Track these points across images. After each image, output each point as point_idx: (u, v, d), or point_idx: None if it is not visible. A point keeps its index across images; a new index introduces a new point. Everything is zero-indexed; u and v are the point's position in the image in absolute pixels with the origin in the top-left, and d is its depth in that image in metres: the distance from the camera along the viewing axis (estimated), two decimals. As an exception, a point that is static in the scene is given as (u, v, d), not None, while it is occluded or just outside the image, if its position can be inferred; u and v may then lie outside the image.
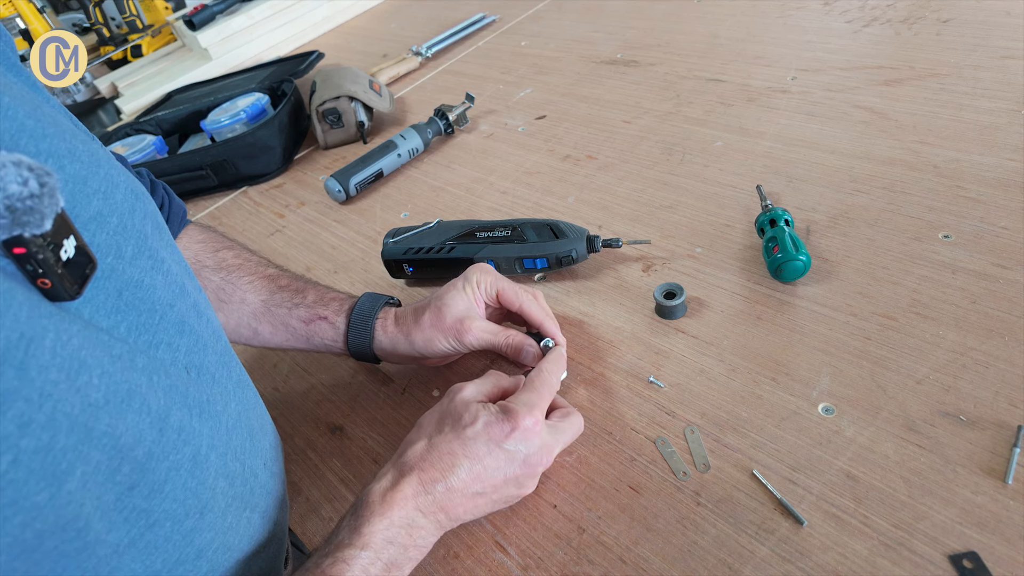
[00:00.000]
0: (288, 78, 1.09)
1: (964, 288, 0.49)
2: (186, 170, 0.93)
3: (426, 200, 0.80)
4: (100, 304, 0.27)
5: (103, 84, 1.46)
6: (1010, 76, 0.69)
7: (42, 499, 0.21)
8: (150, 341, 0.29)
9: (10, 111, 0.26)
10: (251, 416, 0.38)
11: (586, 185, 0.73)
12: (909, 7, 0.89)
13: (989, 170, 0.59)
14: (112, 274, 0.28)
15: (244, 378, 0.39)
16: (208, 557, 0.31)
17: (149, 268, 0.30)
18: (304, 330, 0.52)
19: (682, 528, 0.41)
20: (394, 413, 0.55)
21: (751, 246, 0.59)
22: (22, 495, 0.21)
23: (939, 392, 0.43)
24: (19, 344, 0.21)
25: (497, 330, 0.50)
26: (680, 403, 0.48)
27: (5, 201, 0.21)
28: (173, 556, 0.29)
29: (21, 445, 0.20)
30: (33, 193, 0.22)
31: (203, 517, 0.30)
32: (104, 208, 0.29)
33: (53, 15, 1.80)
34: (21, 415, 0.20)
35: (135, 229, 0.30)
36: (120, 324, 0.28)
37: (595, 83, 0.94)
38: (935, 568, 0.35)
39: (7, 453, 0.20)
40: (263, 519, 0.37)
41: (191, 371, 0.32)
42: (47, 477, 0.21)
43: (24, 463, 0.20)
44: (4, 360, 0.20)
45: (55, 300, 0.24)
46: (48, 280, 0.23)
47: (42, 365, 0.21)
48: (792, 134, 0.71)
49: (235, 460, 0.34)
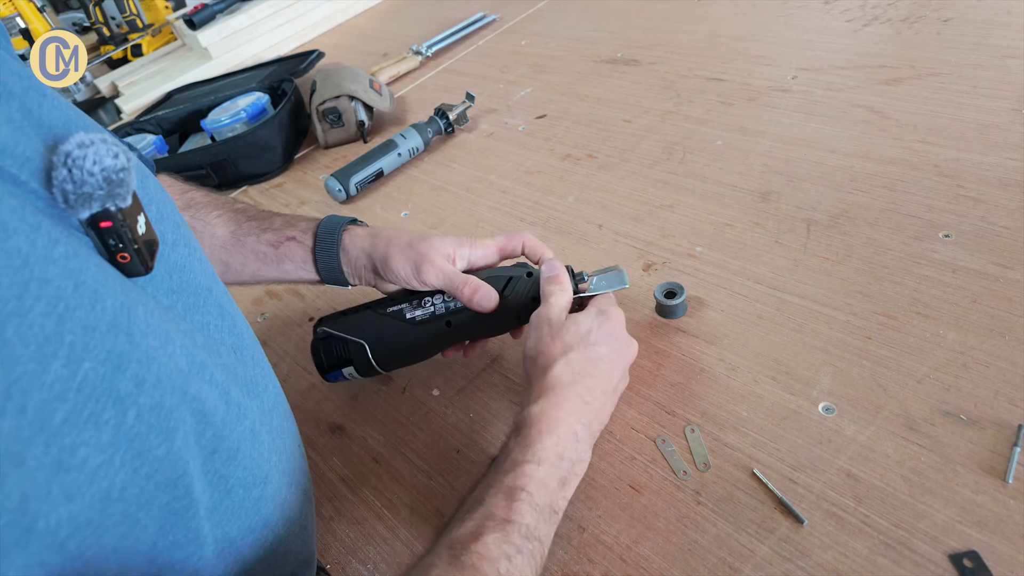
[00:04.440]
0: (288, 77, 1.09)
1: (964, 287, 0.49)
2: (186, 169, 0.93)
3: (426, 200, 0.80)
4: (160, 284, 0.28)
5: (103, 83, 1.46)
6: (1010, 75, 0.69)
7: (160, 452, 0.23)
8: (202, 321, 0.31)
9: (56, 101, 0.26)
10: (282, 399, 0.39)
11: (586, 184, 0.73)
12: (910, 6, 0.88)
13: (989, 169, 0.59)
14: (162, 257, 0.29)
15: (270, 365, 0.40)
16: (272, 527, 0.33)
17: (187, 255, 0.31)
18: (274, 254, 0.53)
19: (682, 527, 0.41)
20: (394, 413, 0.55)
21: (751, 245, 0.59)
22: (146, 447, 0.22)
23: (939, 391, 0.43)
24: (123, 312, 0.22)
25: (456, 273, 0.49)
26: (680, 402, 0.48)
27: (103, 173, 0.22)
28: (246, 523, 0.30)
29: (140, 402, 0.22)
30: (123, 166, 0.23)
31: (266, 487, 0.32)
32: (144, 196, 0.30)
33: (53, 14, 1.80)
34: (136, 375, 0.22)
35: (170, 217, 0.31)
36: (177, 304, 0.29)
37: (595, 82, 0.94)
38: (935, 567, 0.35)
39: (132, 408, 0.22)
40: (305, 498, 0.38)
41: (236, 351, 0.33)
42: (162, 432, 0.23)
43: (145, 418, 0.22)
44: (115, 326, 0.22)
45: (131, 275, 0.25)
46: (128, 254, 0.24)
47: (142, 332, 0.23)
48: (792, 133, 0.71)
49: (279, 438, 0.35)
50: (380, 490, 0.49)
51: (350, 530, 0.47)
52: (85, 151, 0.22)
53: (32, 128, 0.23)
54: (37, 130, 0.23)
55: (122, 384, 0.21)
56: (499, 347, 0.57)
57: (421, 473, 0.49)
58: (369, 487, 0.50)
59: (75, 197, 0.22)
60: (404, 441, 0.52)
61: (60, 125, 0.25)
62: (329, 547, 0.47)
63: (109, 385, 0.21)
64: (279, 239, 0.53)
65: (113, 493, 0.21)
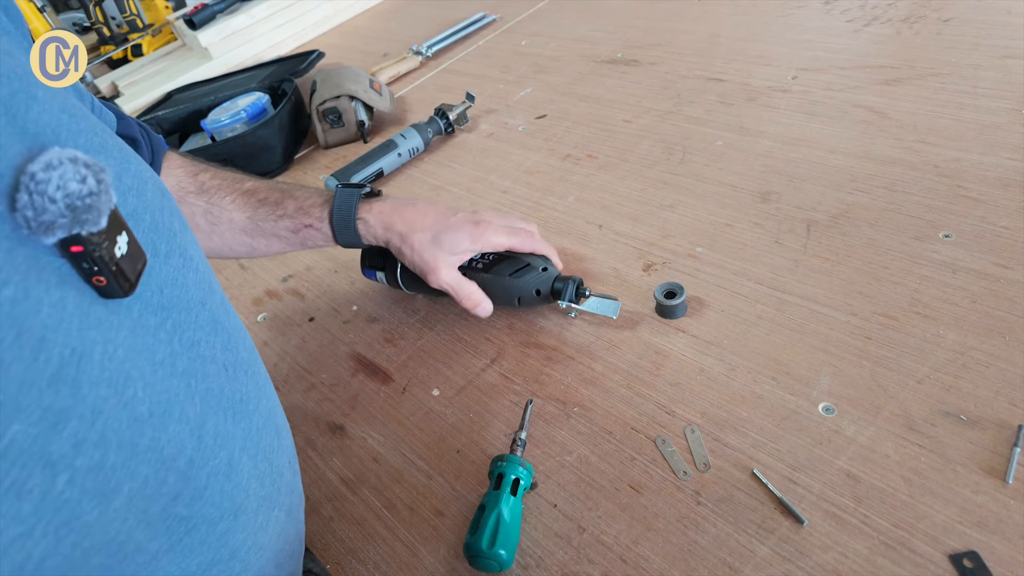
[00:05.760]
0: (288, 77, 1.09)
1: (965, 287, 0.49)
2: (186, 169, 0.92)
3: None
4: (147, 302, 0.27)
5: (103, 83, 1.46)
6: (1011, 75, 0.69)
7: (92, 517, 0.21)
8: (191, 339, 0.29)
9: (47, 105, 0.25)
10: (276, 414, 0.38)
11: (586, 184, 0.73)
12: (910, 6, 0.88)
13: (990, 169, 0.59)
14: (152, 272, 0.27)
15: (268, 376, 0.39)
16: (241, 557, 0.31)
17: (181, 266, 0.30)
18: (295, 238, 0.57)
19: (682, 527, 0.41)
20: (394, 413, 0.55)
21: (751, 245, 0.59)
22: (75, 515, 0.20)
23: (939, 391, 0.43)
24: (71, 360, 0.20)
25: (461, 285, 0.55)
26: (680, 402, 0.48)
27: (65, 200, 0.21)
28: (208, 558, 0.29)
29: (76, 464, 0.20)
30: (92, 191, 0.21)
31: (237, 519, 0.30)
32: (139, 205, 0.28)
33: (53, 14, 1.80)
34: (76, 434, 0.20)
35: (166, 226, 0.30)
36: (166, 322, 0.28)
37: (595, 82, 0.94)
38: (935, 567, 0.35)
39: (64, 472, 0.20)
40: (289, 517, 0.37)
41: (228, 368, 0.32)
42: (98, 495, 0.21)
43: (79, 482, 0.20)
44: (59, 378, 0.20)
45: (109, 297, 0.24)
46: (103, 278, 0.23)
47: (92, 381, 0.21)
48: (792, 133, 0.71)
49: (264, 460, 0.34)
50: (380, 490, 0.49)
51: (350, 530, 0.47)
52: (50, 174, 0.21)
53: (15, 137, 0.22)
54: (22, 138, 0.22)
55: (56, 446, 0.19)
56: (499, 347, 0.57)
57: (421, 473, 0.49)
58: (369, 487, 0.50)
59: (36, 224, 0.20)
60: (404, 441, 0.52)
61: (49, 132, 0.23)
62: (329, 547, 0.47)
63: (40, 448, 0.19)
64: (296, 226, 0.56)
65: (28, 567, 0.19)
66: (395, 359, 0.59)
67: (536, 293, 0.55)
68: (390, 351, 0.60)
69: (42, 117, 0.24)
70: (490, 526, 0.40)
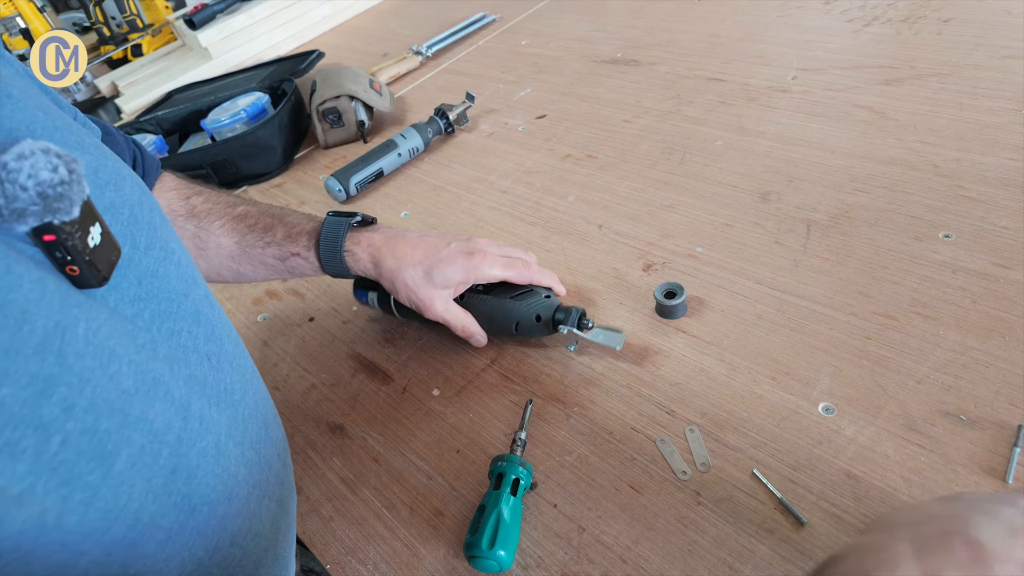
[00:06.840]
0: (288, 77, 1.09)
1: (965, 288, 0.49)
2: (186, 169, 0.92)
3: (426, 200, 0.80)
4: (124, 292, 0.27)
5: (103, 83, 1.46)
6: (1011, 75, 0.69)
7: (95, 478, 0.22)
8: (172, 329, 0.30)
9: (21, 103, 0.26)
10: (264, 408, 0.38)
11: (586, 184, 0.73)
12: (910, 6, 0.88)
13: (990, 169, 0.59)
14: (130, 263, 0.28)
15: (255, 371, 0.39)
16: (240, 544, 0.32)
17: (162, 259, 0.31)
18: (282, 266, 0.55)
19: (682, 527, 0.41)
20: (394, 412, 0.55)
21: (752, 245, 0.59)
22: (75, 475, 0.21)
23: (939, 392, 0.43)
24: (55, 332, 0.21)
25: (456, 318, 0.54)
26: (680, 403, 0.48)
27: (37, 188, 0.21)
28: (212, 543, 0.29)
29: (68, 427, 0.21)
30: (63, 180, 0.22)
31: (231, 503, 0.31)
32: (116, 199, 0.29)
33: (53, 14, 1.80)
34: (65, 399, 0.21)
35: (145, 220, 0.31)
36: (143, 312, 0.28)
37: (595, 82, 0.94)
38: (935, 567, 0.35)
39: (56, 435, 0.21)
40: (280, 508, 0.38)
41: (211, 359, 0.32)
42: (96, 458, 0.22)
43: (73, 444, 0.21)
44: (44, 348, 0.21)
45: (83, 287, 0.24)
46: (77, 267, 0.23)
47: (78, 352, 0.22)
48: (792, 133, 0.71)
49: (251, 449, 0.34)
50: (380, 490, 0.49)
51: (350, 530, 0.47)
52: (21, 163, 0.21)
53: None
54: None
55: (46, 409, 0.20)
56: (499, 347, 0.57)
57: (421, 473, 0.49)
58: (369, 487, 0.50)
59: (8, 212, 0.21)
60: (404, 441, 0.52)
61: (23, 128, 0.24)
62: (329, 547, 0.47)
63: (30, 411, 0.20)
64: (284, 254, 0.54)
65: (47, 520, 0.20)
66: (395, 359, 0.59)
67: (536, 319, 0.53)
68: (390, 351, 0.60)
69: (16, 114, 0.25)
70: (490, 526, 0.40)
